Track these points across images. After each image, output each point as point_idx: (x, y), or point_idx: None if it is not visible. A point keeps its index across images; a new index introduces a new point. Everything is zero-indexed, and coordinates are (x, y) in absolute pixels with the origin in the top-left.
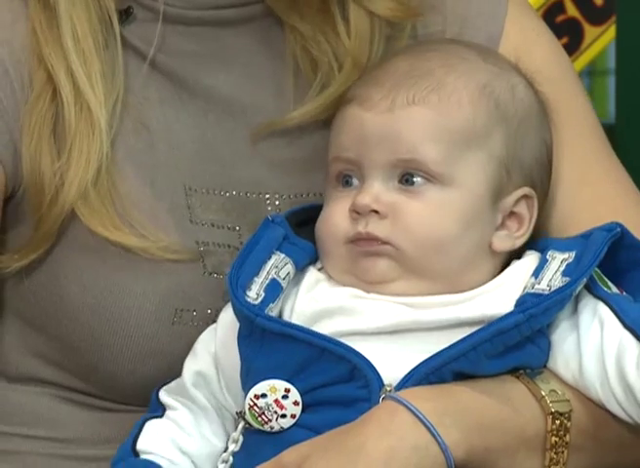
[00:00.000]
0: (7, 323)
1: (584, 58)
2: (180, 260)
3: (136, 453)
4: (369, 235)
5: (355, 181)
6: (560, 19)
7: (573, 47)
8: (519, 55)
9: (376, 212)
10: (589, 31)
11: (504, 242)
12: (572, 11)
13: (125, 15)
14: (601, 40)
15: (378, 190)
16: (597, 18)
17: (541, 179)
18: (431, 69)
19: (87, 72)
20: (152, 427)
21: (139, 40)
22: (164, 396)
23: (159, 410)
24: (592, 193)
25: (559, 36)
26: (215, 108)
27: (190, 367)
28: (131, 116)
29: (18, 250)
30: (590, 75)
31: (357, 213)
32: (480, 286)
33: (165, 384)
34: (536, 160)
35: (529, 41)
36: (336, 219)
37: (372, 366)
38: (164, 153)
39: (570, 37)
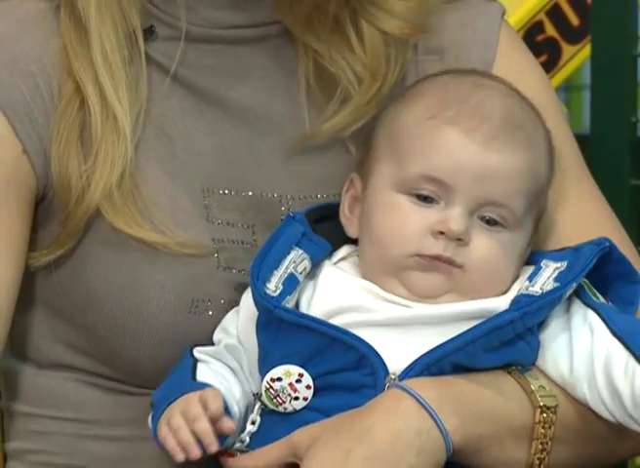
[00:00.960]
0: (38, 314)
1: (562, 74)
2: (196, 255)
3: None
4: (448, 259)
5: (438, 201)
6: (540, 38)
7: (551, 64)
8: (509, 80)
9: (459, 239)
10: (567, 49)
11: None
12: (550, 31)
13: (149, 33)
14: (577, 58)
15: (463, 220)
16: (574, 37)
17: None
18: (522, 122)
19: (114, 85)
20: (204, 368)
21: (161, 56)
22: (199, 353)
23: (191, 362)
24: (570, 211)
25: (539, 54)
26: (231, 117)
27: (223, 339)
28: (153, 124)
29: (47, 246)
30: (567, 90)
31: (441, 233)
32: None
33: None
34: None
35: (518, 68)
36: (412, 232)
37: (378, 355)
38: (184, 158)
39: (548, 55)
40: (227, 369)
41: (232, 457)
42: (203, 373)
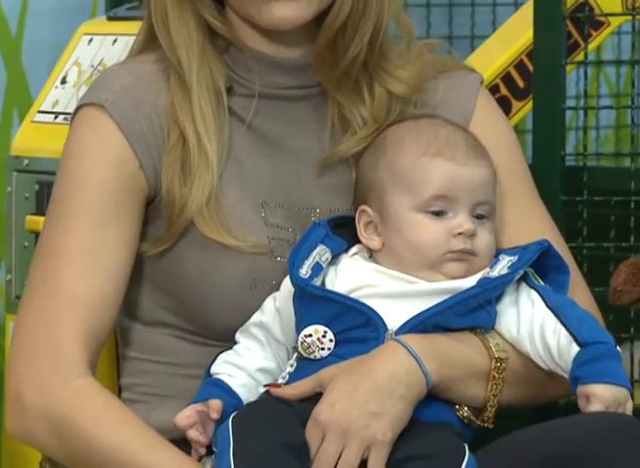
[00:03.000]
0: (146, 287)
1: (512, 122)
2: (257, 252)
3: (210, 376)
4: (470, 250)
5: (448, 212)
6: (496, 96)
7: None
8: (482, 131)
9: (472, 235)
10: (515, 105)
11: None
12: (504, 91)
13: (230, 91)
14: (522, 110)
15: (470, 220)
16: (520, 95)
17: None
18: (477, 144)
19: (207, 131)
20: (219, 357)
21: (238, 108)
22: (237, 334)
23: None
24: (525, 224)
25: None
26: (281, 151)
27: (257, 317)
28: (231, 157)
29: (155, 241)
30: (515, 133)
31: (460, 234)
32: None
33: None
34: None
35: (491, 120)
36: (440, 237)
37: (380, 317)
38: (249, 180)
39: (503, 109)
40: (255, 343)
41: (277, 387)
42: (216, 367)
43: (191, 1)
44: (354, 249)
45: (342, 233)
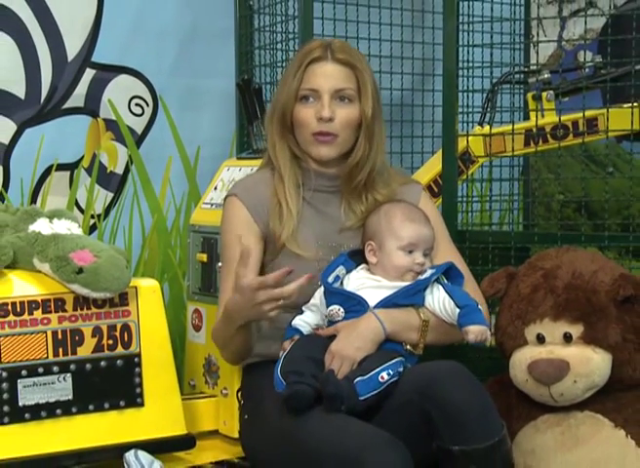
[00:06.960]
0: None
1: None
2: (312, 260)
3: (291, 326)
4: (422, 271)
5: (416, 254)
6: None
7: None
8: (424, 212)
9: (423, 264)
10: (438, 200)
11: None
12: (432, 194)
13: (302, 184)
14: (437, 203)
15: (422, 258)
16: (436, 195)
17: None
18: (427, 217)
19: (292, 203)
20: (295, 318)
21: (305, 195)
22: (303, 308)
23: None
24: (445, 257)
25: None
26: (324, 217)
27: (312, 301)
28: (301, 220)
29: (269, 255)
30: None
31: (418, 263)
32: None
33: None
34: None
35: (427, 208)
36: (409, 265)
37: (365, 300)
38: (309, 230)
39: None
40: (311, 312)
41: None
42: (294, 322)
43: (287, 141)
44: (360, 267)
45: (356, 258)
